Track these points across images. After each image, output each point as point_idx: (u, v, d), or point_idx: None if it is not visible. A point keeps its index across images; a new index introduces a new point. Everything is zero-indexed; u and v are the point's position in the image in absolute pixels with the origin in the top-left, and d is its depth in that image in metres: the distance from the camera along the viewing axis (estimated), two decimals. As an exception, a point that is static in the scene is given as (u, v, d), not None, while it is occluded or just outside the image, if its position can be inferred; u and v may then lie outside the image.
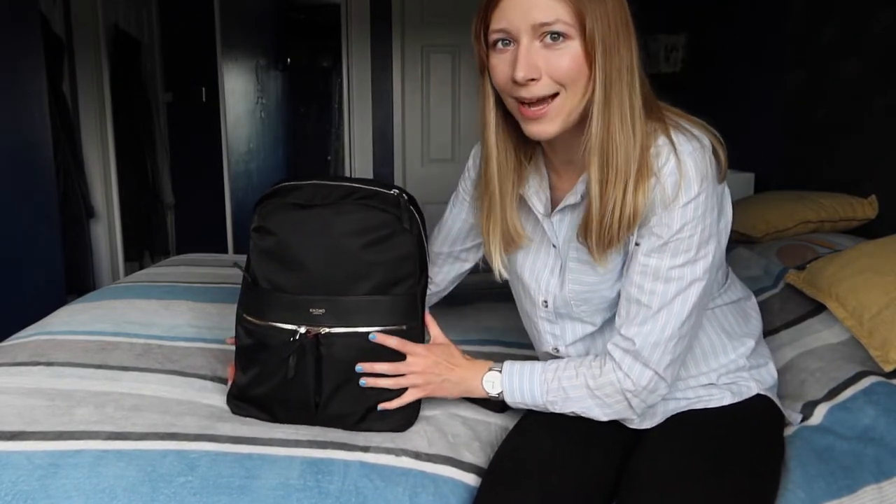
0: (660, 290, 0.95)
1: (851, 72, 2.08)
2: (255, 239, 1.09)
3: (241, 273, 1.16)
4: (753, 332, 1.12)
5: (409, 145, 3.93)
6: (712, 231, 0.95)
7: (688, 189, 0.91)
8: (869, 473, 0.97)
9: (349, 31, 3.82)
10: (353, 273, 1.05)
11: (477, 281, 2.02)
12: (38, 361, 1.30)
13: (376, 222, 1.05)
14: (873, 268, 1.33)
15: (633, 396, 0.99)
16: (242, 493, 0.94)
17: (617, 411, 1.01)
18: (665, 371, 0.98)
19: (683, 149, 0.92)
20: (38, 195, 2.86)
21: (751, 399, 1.06)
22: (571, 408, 1.02)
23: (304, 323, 1.06)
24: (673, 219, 0.92)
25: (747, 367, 1.08)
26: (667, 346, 0.96)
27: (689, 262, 0.94)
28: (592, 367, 1.01)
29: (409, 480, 0.98)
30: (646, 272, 0.95)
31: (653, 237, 0.94)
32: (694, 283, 0.95)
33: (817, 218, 1.92)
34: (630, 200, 0.92)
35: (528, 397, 1.04)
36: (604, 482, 0.99)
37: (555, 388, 1.02)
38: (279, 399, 1.09)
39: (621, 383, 0.98)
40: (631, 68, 0.91)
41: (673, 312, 0.95)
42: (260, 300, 1.09)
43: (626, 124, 0.91)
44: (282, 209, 1.07)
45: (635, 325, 0.97)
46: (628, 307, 0.98)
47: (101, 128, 3.63)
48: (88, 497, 0.92)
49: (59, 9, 3.41)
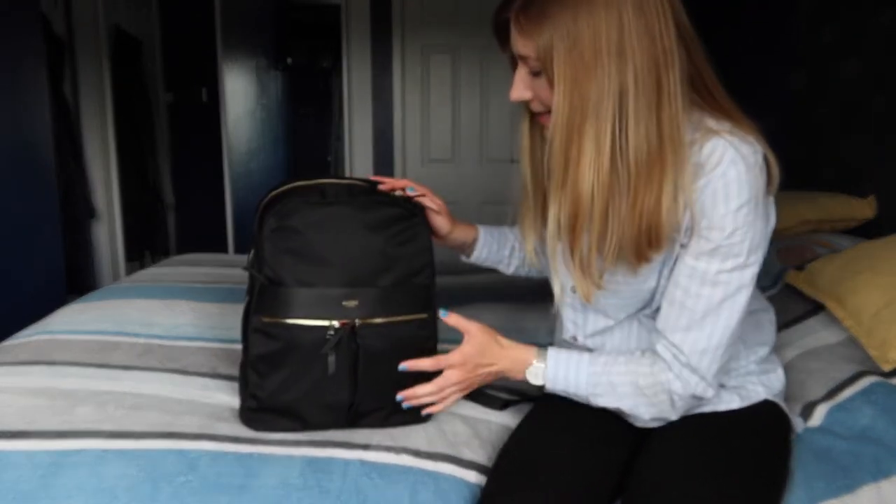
0: (706, 294, 0.94)
1: (851, 72, 2.08)
2: (276, 239, 1.05)
3: (243, 273, 1.15)
4: (767, 341, 1.12)
5: (409, 145, 3.93)
6: (763, 238, 0.95)
7: (740, 193, 0.90)
8: (868, 473, 0.97)
9: (349, 31, 3.82)
10: (378, 266, 1.07)
11: (477, 281, 2.02)
12: (39, 361, 1.31)
13: (396, 216, 1.08)
14: (872, 268, 1.33)
15: (680, 399, 0.99)
16: (243, 492, 0.94)
17: (661, 411, 1.01)
18: (713, 379, 0.98)
19: (739, 152, 0.91)
20: (39, 195, 2.86)
21: (758, 404, 1.06)
22: (616, 403, 1.01)
23: (336, 317, 1.05)
24: (725, 223, 0.91)
25: (757, 373, 1.08)
26: (715, 355, 0.96)
27: (738, 267, 0.93)
28: (643, 366, 1.00)
29: (409, 478, 0.98)
30: (693, 275, 0.95)
31: (702, 240, 0.93)
32: (742, 289, 0.94)
33: (817, 218, 1.92)
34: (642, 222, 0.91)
35: (571, 386, 1.03)
36: (609, 482, 0.99)
37: (603, 382, 1.01)
38: (314, 402, 1.07)
39: (671, 385, 0.98)
40: (616, 95, 0.88)
41: (720, 318, 0.95)
42: (285, 299, 1.05)
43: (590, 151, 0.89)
44: (303, 207, 1.06)
45: (680, 330, 0.96)
46: (671, 310, 0.97)
47: (102, 128, 3.64)
48: (89, 496, 0.92)
49: (60, 9, 3.42)
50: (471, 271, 2.13)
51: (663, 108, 0.89)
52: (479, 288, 1.92)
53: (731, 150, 0.91)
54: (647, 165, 0.90)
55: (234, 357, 1.37)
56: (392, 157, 3.93)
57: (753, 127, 0.96)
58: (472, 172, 3.92)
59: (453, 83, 3.87)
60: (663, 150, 0.90)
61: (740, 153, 0.91)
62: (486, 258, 1.30)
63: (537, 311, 1.37)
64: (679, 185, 0.91)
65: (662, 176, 0.90)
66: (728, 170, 0.90)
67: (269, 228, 1.05)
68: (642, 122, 0.89)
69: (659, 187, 0.90)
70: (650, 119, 0.89)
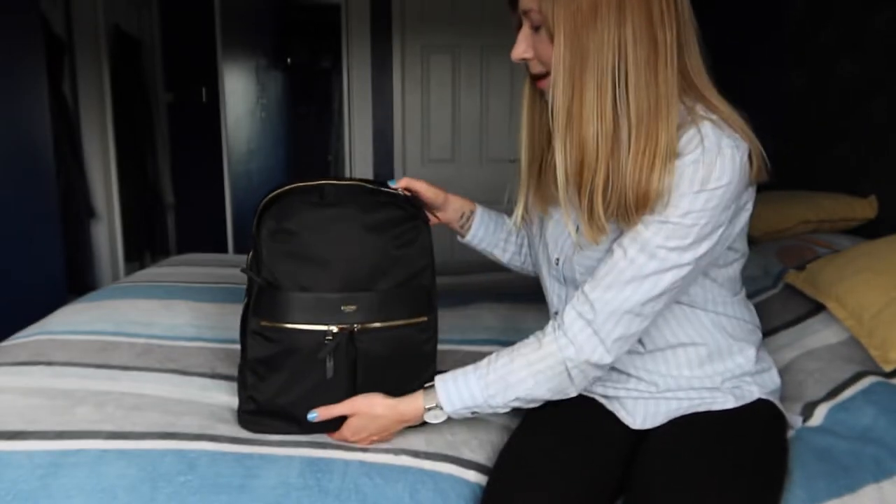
0: (640, 262, 0.95)
1: (851, 72, 2.08)
2: (274, 242, 1.04)
3: (242, 273, 1.15)
4: (755, 341, 1.12)
5: (409, 145, 3.93)
6: (715, 229, 0.95)
7: (706, 179, 0.91)
8: (869, 473, 0.97)
9: (349, 31, 3.82)
10: (378, 268, 1.05)
11: (477, 281, 2.02)
12: (38, 361, 1.31)
13: (398, 217, 1.07)
14: (873, 268, 1.33)
15: (574, 367, 0.99)
16: (242, 492, 0.94)
17: (559, 384, 1.00)
18: (612, 344, 0.97)
19: (717, 142, 0.92)
20: (39, 195, 2.86)
21: (753, 403, 1.06)
22: (513, 394, 1.01)
23: (335, 322, 1.04)
24: (682, 202, 0.92)
25: (752, 372, 1.08)
26: (621, 318, 0.96)
27: (679, 248, 0.94)
28: (529, 345, 1.02)
29: (408, 477, 0.98)
30: (635, 240, 0.96)
31: (655, 213, 0.94)
32: (674, 268, 0.95)
33: (817, 218, 1.92)
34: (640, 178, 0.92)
35: (468, 400, 1.02)
36: (610, 482, 0.99)
37: (493, 381, 1.01)
38: (312, 405, 1.06)
39: (563, 352, 0.98)
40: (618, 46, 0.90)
41: (641, 288, 0.95)
42: (283, 303, 1.04)
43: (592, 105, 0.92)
44: (303, 209, 1.04)
45: (601, 287, 0.97)
46: (603, 267, 0.98)
47: (101, 128, 3.63)
48: (89, 496, 0.92)
49: (60, 9, 3.42)
50: (471, 271, 2.13)
51: (659, 68, 0.92)
52: (479, 288, 1.92)
53: (710, 138, 0.92)
54: (646, 119, 0.92)
55: (233, 357, 1.37)
56: (392, 157, 3.93)
57: (742, 123, 0.96)
58: (472, 172, 3.91)
59: (453, 83, 3.87)
60: (660, 108, 0.92)
61: (719, 144, 0.92)
62: (483, 238, 1.29)
63: (537, 311, 1.37)
64: (671, 150, 0.92)
65: (659, 134, 0.92)
66: (702, 156, 0.91)
67: (267, 230, 1.04)
68: (642, 76, 0.91)
69: (656, 144, 0.92)
70: (649, 75, 0.92)
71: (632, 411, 1.09)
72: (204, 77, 4.18)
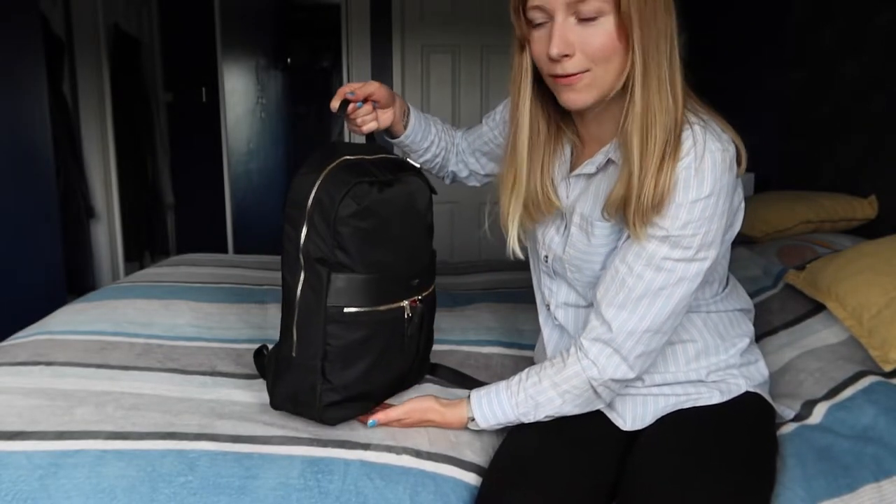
0: (647, 277, 0.95)
1: (851, 72, 2.08)
2: (353, 224, 1.01)
3: (242, 273, 1.15)
4: (746, 332, 1.13)
5: (409, 145, 3.93)
6: (717, 236, 0.95)
7: (700, 186, 0.91)
8: (868, 472, 0.97)
9: (349, 31, 3.82)
10: (426, 237, 1.16)
11: (477, 281, 2.02)
12: (38, 361, 1.31)
13: (427, 191, 1.14)
14: (873, 268, 1.33)
15: (599, 385, 1.00)
16: (242, 492, 0.94)
17: (587, 400, 1.02)
18: (635, 360, 0.98)
19: (707, 146, 0.91)
20: (38, 195, 2.86)
21: (741, 396, 1.06)
22: (544, 413, 1.03)
23: (406, 296, 1.10)
24: (679, 213, 0.92)
25: (737, 365, 1.09)
26: (641, 337, 0.97)
27: (684, 259, 0.94)
28: (554, 366, 1.02)
29: (409, 479, 0.98)
30: (640, 255, 0.95)
31: (655, 226, 0.94)
32: (683, 281, 0.95)
33: (817, 218, 1.92)
34: (665, 176, 0.91)
35: (500, 417, 1.05)
36: (605, 481, 0.99)
37: (523, 400, 1.03)
38: (386, 379, 1.12)
39: (586, 372, 0.99)
40: (669, 37, 0.92)
41: (654, 304, 0.95)
42: (369, 287, 1.05)
43: (664, 94, 0.91)
44: (372, 189, 1.03)
45: (614, 306, 0.97)
46: (611, 284, 0.98)
47: (101, 128, 3.63)
48: (88, 497, 0.92)
49: (60, 9, 3.41)
50: (471, 271, 2.13)
51: (677, 63, 0.93)
52: (479, 288, 1.92)
53: (700, 143, 0.92)
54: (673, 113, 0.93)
55: (233, 356, 1.37)
56: (392, 157, 3.93)
57: (727, 124, 0.97)
58: (472, 172, 3.91)
59: (453, 83, 3.87)
60: (677, 103, 0.93)
61: (709, 147, 0.91)
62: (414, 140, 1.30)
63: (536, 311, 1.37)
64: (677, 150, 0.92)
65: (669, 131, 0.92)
66: (693, 162, 0.91)
67: (345, 214, 1.01)
68: (675, 69, 0.93)
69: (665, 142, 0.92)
70: (674, 68, 0.93)
71: (621, 412, 1.10)
72: (204, 77, 4.18)
